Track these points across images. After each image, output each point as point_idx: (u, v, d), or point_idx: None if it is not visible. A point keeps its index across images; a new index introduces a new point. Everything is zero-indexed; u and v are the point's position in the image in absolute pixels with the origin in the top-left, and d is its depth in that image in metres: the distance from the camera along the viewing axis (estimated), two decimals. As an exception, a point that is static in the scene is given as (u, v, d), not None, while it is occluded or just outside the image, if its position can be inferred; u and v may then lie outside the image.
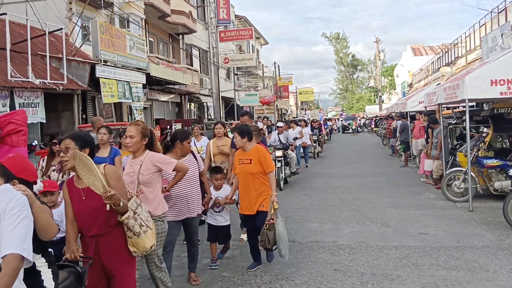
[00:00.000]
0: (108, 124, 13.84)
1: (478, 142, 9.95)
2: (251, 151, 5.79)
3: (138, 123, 4.61)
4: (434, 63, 31.86)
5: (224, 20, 29.89)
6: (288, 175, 13.12)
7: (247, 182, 5.76)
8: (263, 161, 5.70)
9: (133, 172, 4.49)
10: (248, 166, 5.74)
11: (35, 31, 12.98)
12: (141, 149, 4.59)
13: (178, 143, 5.26)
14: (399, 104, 22.30)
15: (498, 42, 14.27)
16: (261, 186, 5.74)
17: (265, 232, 5.57)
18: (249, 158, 5.74)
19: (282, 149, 12.65)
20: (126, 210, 3.53)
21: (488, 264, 5.76)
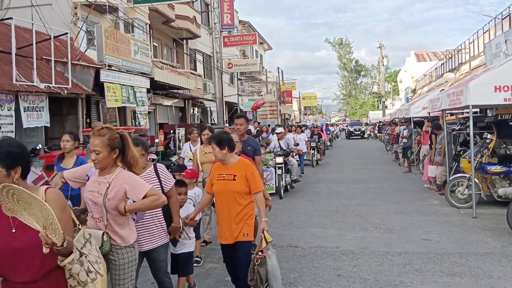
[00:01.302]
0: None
1: (482, 148, 9.93)
2: (234, 164, 4.80)
3: (103, 132, 3.55)
4: (438, 69, 31.87)
5: (228, 25, 29.97)
6: (289, 183, 12.71)
7: (229, 203, 4.73)
8: (251, 178, 4.72)
9: (97, 193, 3.57)
10: (231, 184, 4.72)
11: (40, 35, 13.05)
12: (110, 165, 3.61)
13: None
14: (402, 110, 22.30)
15: (502, 48, 14.27)
16: (244, 209, 4.76)
17: (256, 269, 4.63)
18: (232, 174, 4.73)
19: (283, 155, 12.26)
20: (70, 252, 2.66)
21: (492, 271, 5.74)
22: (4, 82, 10.81)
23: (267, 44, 49.41)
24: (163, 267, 4.36)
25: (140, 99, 16.84)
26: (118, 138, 3.60)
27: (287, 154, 12.64)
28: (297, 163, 13.57)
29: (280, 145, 12.86)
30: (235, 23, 32.06)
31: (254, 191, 4.73)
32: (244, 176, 4.72)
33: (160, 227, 4.27)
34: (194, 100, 26.42)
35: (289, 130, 17.52)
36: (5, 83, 10.79)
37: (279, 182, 11.62)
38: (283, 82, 49.32)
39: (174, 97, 23.14)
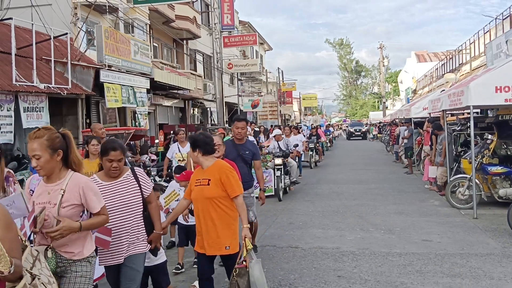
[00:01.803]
0: (112, 128, 13.92)
1: (482, 149, 9.92)
2: (209, 168, 4.44)
3: (39, 133, 3.16)
4: (438, 69, 31.84)
5: (228, 26, 29.96)
6: (288, 184, 12.52)
7: (204, 211, 4.37)
8: (226, 182, 4.34)
9: (49, 204, 3.18)
10: (205, 189, 4.36)
11: (40, 35, 13.02)
12: (57, 169, 3.25)
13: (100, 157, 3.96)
14: (403, 111, 22.28)
15: (502, 49, 14.24)
16: (224, 218, 4.36)
17: (235, 280, 4.15)
18: (206, 178, 4.39)
19: (282, 156, 12.04)
20: (19, 276, 2.36)
21: (493, 272, 5.72)
22: (3, 82, 10.79)
23: (267, 44, 49.40)
24: (137, 279, 3.92)
25: (140, 100, 16.82)
26: (59, 138, 3.23)
27: (286, 155, 12.43)
28: (296, 165, 13.27)
29: (279, 146, 12.65)
30: (235, 24, 32.05)
31: (231, 196, 4.36)
32: (218, 180, 4.35)
33: (141, 234, 3.97)
34: (194, 101, 26.40)
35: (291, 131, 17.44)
36: (4, 84, 10.76)
37: (278, 184, 11.42)
38: (283, 83, 49.31)
39: (174, 98, 23.12)
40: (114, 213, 3.81)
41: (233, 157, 6.10)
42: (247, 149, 6.50)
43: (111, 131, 12.59)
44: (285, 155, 12.32)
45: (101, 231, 3.65)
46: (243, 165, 6.37)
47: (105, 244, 3.73)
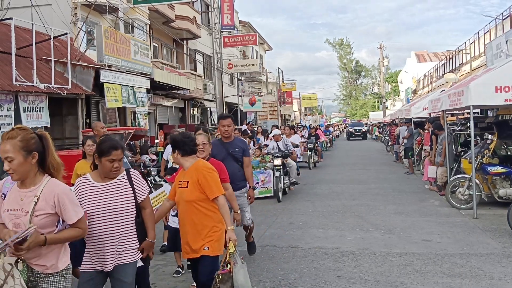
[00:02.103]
0: (112, 128, 13.91)
1: (482, 149, 9.92)
2: (189, 169, 4.25)
3: (12, 134, 2.92)
4: (439, 69, 31.84)
5: (228, 26, 29.96)
6: (287, 185, 12.33)
7: (185, 215, 4.21)
8: (204, 183, 4.13)
9: (21, 211, 2.95)
10: (185, 192, 4.20)
11: (40, 35, 13.03)
12: (32, 173, 3.00)
13: (96, 157, 3.66)
14: (403, 111, 22.27)
15: (502, 49, 14.24)
16: (204, 220, 4.16)
17: (217, 286, 3.96)
18: (185, 180, 4.23)
19: (281, 157, 11.90)
20: None
21: (493, 272, 5.71)
22: (3, 82, 10.79)
23: (267, 44, 49.40)
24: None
25: (140, 100, 16.83)
26: (35, 139, 2.97)
27: (286, 156, 12.29)
28: (295, 165, 13.13)
29: (278, 146, 12.49)
30: (235, 24, 32.04)
31: (210, 198, 4.14)
32: (196, 182, 4.14)
33: (131, 241, 3.66)
34: (194, 101, 26.40)
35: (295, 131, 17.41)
36: (4, 83, 10.77)
37: (277, 184, 11.29)
38: (283, 83, 49.31)
39: (174, 98, 23.12)
40: (104, 217, 3.54)
41: (223, 157, 5.92)
42: (237, 146, 6.26)
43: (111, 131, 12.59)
44: (284, 155, 12.18)
45: None
46: (234, 164, 6.15)
47: None
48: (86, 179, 3.71)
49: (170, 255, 6.80)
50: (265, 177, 11.51)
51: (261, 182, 11.49)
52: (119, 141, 3.85)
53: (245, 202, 6.25)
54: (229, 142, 6.22)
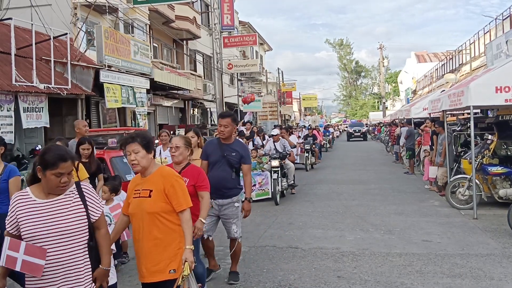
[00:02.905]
0: (112, 129, 13.92)
1: (482, 149, 9.92)
2: (152, 176, 3.62)
3: None
4: (438, 69, 31.85)
5: (228, 26, 29.97)
6: (285, 187, 11.90)
7: (144, 229, 3.55)
8: (171, 193, 3.56)
9: None
10: (145, 202, 3.55)
11: (40, 36, 13.02)
12: None
13: (38, 170, 3.01)
14: (403, 111, 22.27)
15: (502, 49, 14.24)
16: (172, 236, 3.58)
17: None
18: (148, 189, 3.57)
19: (279, 158, 11.54)
20: None
21: (493, 272, 5.71)
22: (3, 82, 10.79)
23: (267, 45, 49.42)
24: None
25: (139, 100, 16.84)
26: None
27: (284, 157, 11.90)
28: (294, 167, 12.69)
29: (275, 147, 12.09)
30: (235, 24, 32.05)
31: (177, 210, 3.59)
32: (162, 191, 3.55)
33: (82, 270, 3.05)
34: (194, 101, 26.41)
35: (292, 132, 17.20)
36: (4, 84, 10.77)
37: (274, 187, 10.89)
38: (283, 83, 49.33)
39: (174, 98, 23.13)
40: (49, 241, 2.92)
41: (216, 158, 5.46)
42: (234, 150, 5.53)
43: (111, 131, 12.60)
44: (282, 156, 11.81)
45: (31, 252, 2.88)
46: (227, 169, 5.46)
47: (36, 270, 2.90)
48: (25, 194, 3.04)
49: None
50: (262, 179, 11.27)
51: (258, 184, 11.23)
52: (69, 150, 3.21)
53: (235, 213, 5.49)
54: (227, 144, 5.56)
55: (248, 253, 6.87)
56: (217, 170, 5.43)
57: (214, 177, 5.26)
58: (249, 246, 7.22)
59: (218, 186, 5.28)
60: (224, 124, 5.48)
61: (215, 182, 5.18)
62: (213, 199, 5.25)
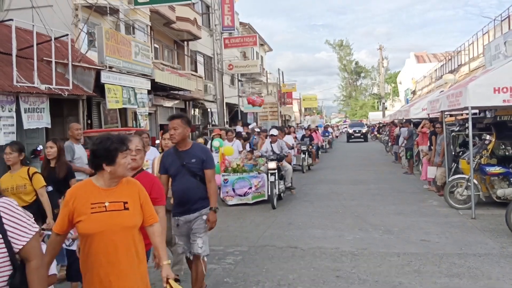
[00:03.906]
0: (113, 129, 13.97)
1: (481, 150, 9.96)
2: (121, 185, 3.15)
3: None
4: (437, 70, 31.90)
5: (229, 27, 30.02)
6: (283, 190, 11.45)
7: (117, 247, 3.02)
8: (146, 203, 3.22)
9: None
10: (122, 216, 3.06)
11: (41, 37, 13.07)
12: None
13: None
14: (402, 111, 22.30)
15: (501, 50, 14.29)
16: (143, 253, 3.22)
17: None
18: (120, 200, 3.09)
19: (276, 160, 11.10)
20: None
21: (491, 272, 5.76)
22: (4, 83, 10.84)
23: (267, 45, 49.46)
24: None
25: (140, 101, 16.89)
26: None
27: (281, 159, 11.43)
28: (291, 168, 12.29)
29: (272, 148, 11.61)
30: (236, 25, 32.10)
31: (149, 223, 3.23)
32: (138, 203, 3.15)
33: None
34: (194, 102, 26.44)
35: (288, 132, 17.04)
36: (5, 85, 10.82)
37: (271, 190, 10.56)
38: (283, 84, 49.34)
39: (175, 99, 23.17)
40: None
41: (176, 170, 4.81)
42: (193, 156, 4.82)
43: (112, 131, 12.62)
44: (279, 158, 11.37)
45: None
46: (190, 179, 4.79)
47: None
48: None
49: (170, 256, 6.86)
50: (259, 181, 11.05)
51: (255, 187, 11.03)
52: None
53: (203, 226, 4.82)
54: (184, 151, 4.83)
55: (247, 252, 6.93)
56: (179, 182, 4.80)
57: (177, 190, 4.83)
58: (248, 246, 7.28)
59: (183, 200, 4.79)
60: (173, 126, 4.74)
61: (179, 196, 4.80)
62: (177, 217, 4.85)
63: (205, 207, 4.85)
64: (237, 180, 11.05)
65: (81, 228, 3.03)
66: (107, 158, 3.02)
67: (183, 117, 4.88)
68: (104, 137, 3.11)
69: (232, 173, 11.22)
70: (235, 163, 11.52)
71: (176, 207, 4.86)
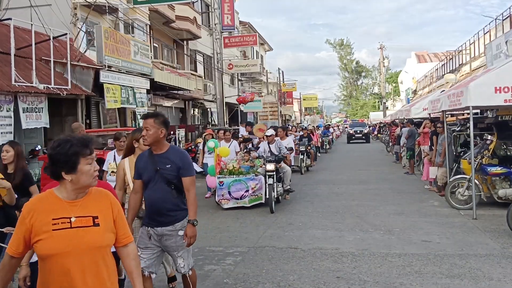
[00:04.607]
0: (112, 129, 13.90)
1: (482, 150, 9.92)
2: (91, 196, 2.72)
3: None
4: (439, 70, 31.86)
5: (229, 26, 30.00)
6: (281, 193, 10.96)
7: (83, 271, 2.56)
8: (120, 218, 2.79)
9: None
10: (91, 233, 2.60)
11: (40, 36, 13.02)
12: None
13: None
14: (403, 111, 22.28)
15: (502, 49, 14.25)
16: (115, 278, 2.76)
17: None
18: (88, 215, 2.63)
19: (275, 161, 10.54)
20: None
21: (492, 273, 5.71)
22: (3, 83, 10.79)
23: (267, 45, 49.44)
24: None
25: (139, 100, 16.85)
26: None
27: (279, 160, 10.89)
28: (290, 170, 11.68)
29: (270, 149, 11.16)
30: (236, 24, 32.07)
31: (124, 242, 2.81)
32: (110, 218, 2.72)
33: None
34: (194, 101, 26.42)
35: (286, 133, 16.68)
36: (4, 84, 10.77)
37: (270, 193, 9.96)
38: (283, 83, 49.30)
39: (174, 98, 23.14)
40: None
41: (149, 175, 4.25)
42: (169, 161, 4.24)
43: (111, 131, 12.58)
44: (278, 159, 10.80)
45: None
46: (164, 187, 4.22)
47: None
48: None
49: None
50: (256, 184, 10.54)
51: (251, 190, 10.55)
52: None
53: (180, 244, 4.26)
54: (159, 155, 4.29)
55: (247, 253, 6.88)
56: (152, 190, 4.24)
57: (149, 199, 4.29)
58: (248, 247, 7.23)
59: (154, 210, 4.24)
60: (146, 127, 4.23)
61: (151, 206, 4.27)
62: (150, 227, 4.26)
63: (180, 219, 4.25)
64: (233, 182, 10.56)
65: (40, 249, 2.52)
66: (67, 164, 2.53)
67: (157, 117, 4.32)
68: (63, 140, 2.60)
69: (228, 175, 10.72)
70: (231, 164, 11.05)
71: (148, 217, 4.31)
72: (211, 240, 7.80)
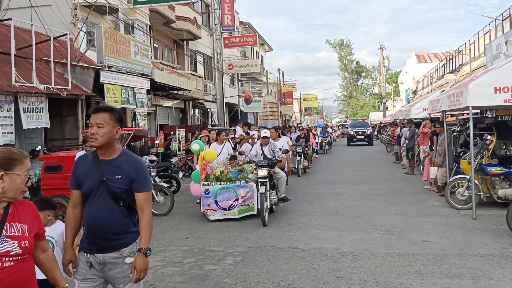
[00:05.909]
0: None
1: (482, 150, 9.92)
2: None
3: None
4: (439, 70, 31.88)
5: (229, 27, 30.01)
6: (275, 202, 9.66)
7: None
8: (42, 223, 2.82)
9: None
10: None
11: (40, 36, 13.04)
12: None
13: None
14: (403, 111, 22.28)
15: (502, 50, 14.27)
16: None
17: None
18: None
19: (268, 166, 9.29)
20: None
21: (492, 273, 5.72)
22: (3, 83, 10.81)
23: (267, 45, 49.46)
24: None
25: (139, 100, 16.85)
26: None
27: (273, 165, 9.65)
28: (285, 176, 10.54)
29: (263, 152, 10.01)
30: (236, 24, 32.09)
31: None
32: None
33: None
34: (194, 101, 26.42)
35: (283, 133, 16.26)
36: (4, 84, 10.79)
37: (262, 203, 8.65)
38: (283, 83, 49.30)
39: (174, 98, 23.14)
40: None
41: (91, 186, 3.29)
42: (119, 170, 3.31)
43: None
44: (271, 164, 9.57)
45: None
46: (110, 202, 3.29)
47: None
48: None
49: (169, 256, 6.83)
50: (247, 192, 9.35)
51: (241, 199, 9.34)
52: None
53: (127, 274, 3.31)
54: (107, 161, 3.35)
55: (247, 253, 6.89)
56: (93, 206, 3.30)
57: (88, 217, 3.32)
58: (248, 247, 7.24)
59: (95, 232, 3.30)
60: (98, 123, 3.27)
61: (90, 226, 3.33)
62: (89, 253, 3.31)
63: (128, 244, 3.32)
64: (221, 190, 9.35)
65: None
66: None
67: (113, 112, 3.37)
68: None
69: (214, 182, 9.50)
70: (218, 169, 9.73)
71: (87, 241, 3.34)
72: (211, 240, 7.81)
